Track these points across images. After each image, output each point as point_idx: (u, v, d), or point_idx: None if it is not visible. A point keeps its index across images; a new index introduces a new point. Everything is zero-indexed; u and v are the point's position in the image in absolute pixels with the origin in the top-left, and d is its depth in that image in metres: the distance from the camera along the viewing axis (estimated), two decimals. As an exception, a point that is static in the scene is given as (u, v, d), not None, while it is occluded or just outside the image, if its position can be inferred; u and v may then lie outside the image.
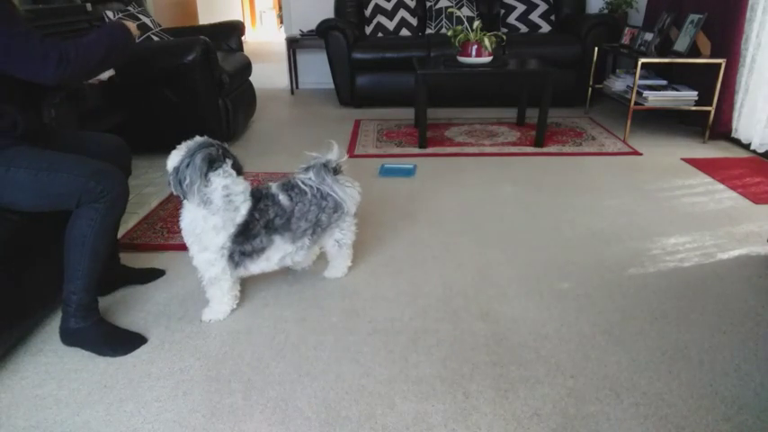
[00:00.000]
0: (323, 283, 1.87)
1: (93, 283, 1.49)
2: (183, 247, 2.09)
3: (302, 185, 1.67)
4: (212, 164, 1.48)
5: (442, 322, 1.64)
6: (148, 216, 2.37)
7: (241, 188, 1.54)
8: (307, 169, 1.71)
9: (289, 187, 1.67)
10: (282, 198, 1.63)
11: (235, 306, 1.70)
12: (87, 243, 1.44)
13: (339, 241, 1.81)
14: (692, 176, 2.83)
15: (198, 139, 1.52)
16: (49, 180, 1.39)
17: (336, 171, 1.72)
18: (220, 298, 1.65)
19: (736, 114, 3.30)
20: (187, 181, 1.45)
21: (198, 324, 1.65)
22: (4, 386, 1.40)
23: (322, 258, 1.93)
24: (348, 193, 1.73)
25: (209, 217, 1.51)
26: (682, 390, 1.36)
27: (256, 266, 1.66)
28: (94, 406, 1.33)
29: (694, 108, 3.37)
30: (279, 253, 1.66)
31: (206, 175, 1.47)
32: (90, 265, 1.46)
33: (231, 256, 1.58)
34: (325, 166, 1.69)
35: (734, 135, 3.33)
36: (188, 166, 1.45)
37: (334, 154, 1.72)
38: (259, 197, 1.60)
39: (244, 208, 1.54)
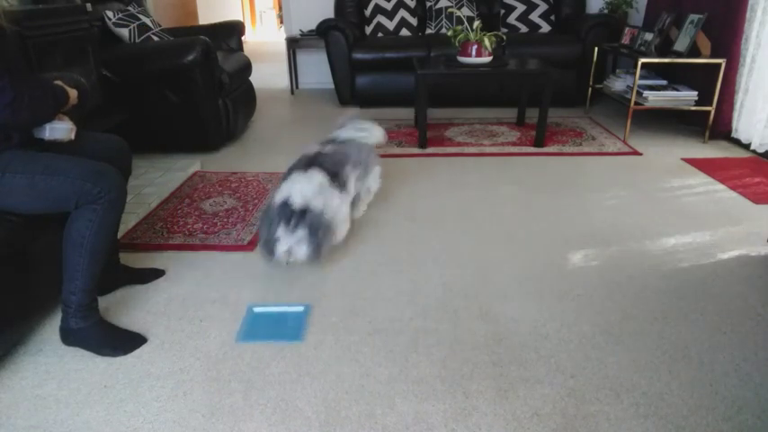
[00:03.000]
0: (323, 282, 1.87)
1: (93, 284, 1.49)
2: (183, 247, 2.11)
3: (350, 134, 2.27)
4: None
5: (442, 322, 1.64)
6: (148, 216, 2.37)
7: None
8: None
9: (337, 141, 2.18)
10: (349, 148, 2.14)
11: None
12: (86, 244, 1.43)
13: (369, 187, 2.33)
14: (691, 176, 2.83)
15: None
16: (45, 184, 1.39)
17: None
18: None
19: (736, 114, 3.30)
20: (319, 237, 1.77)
21: (198, 324, 1.65)
22: (4, 386, 1.40)
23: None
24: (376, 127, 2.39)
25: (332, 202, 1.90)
26: (682, 390, 1.36)
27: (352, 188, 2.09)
28: (94, 406, 1.33)
29: (694, 108, 3.37)
30: (352, 182, 2.10)
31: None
32: (89, 265, 1.46)
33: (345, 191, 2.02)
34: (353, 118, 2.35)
35: (734, 135, 3.34)
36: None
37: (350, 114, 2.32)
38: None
39: (323, 179, 1.89)
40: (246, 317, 1.68)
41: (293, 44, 4.94)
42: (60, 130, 1.49)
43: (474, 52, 3.20)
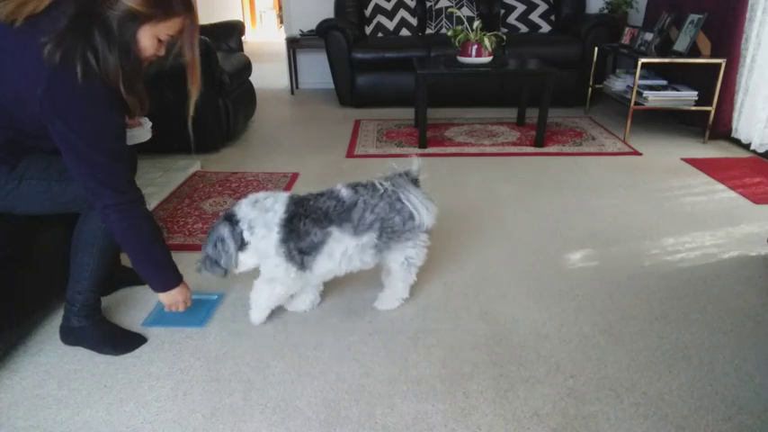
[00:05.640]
0: (322, 283, 1.86)
1: (99, 283, 1.50)
2: (183, 247, 2.11)
3: (377, 184, 1.61)
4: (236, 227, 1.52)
5: (442, 322, 1.64)
6: (148, 216, 2.37)
7: (251, 209, 1.52)
8: (386, 178, 1.65)
9: (357, 184, 1.61)
10: (344, 191, 1.57)
11: (266, 317, 1.64)
12: (96, 245, 1.45)
13: (409, 259, 1.66)
14: (691, 176, 2.83)
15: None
16: (60, 189, 1.40)
17: (416, 182, 1.66)
18: (263, 302, 1.60)
19: (736, 114, 3.30)
20: (224, 259, 1.53)
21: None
22: (4, 386, 1.40)
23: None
24: (425, 204, 1.61)
25: (259, 246, 1.52)
26: (682, 390, 1.36)
27: (320, 266, 1.56)
28: (94, 406, 1.33)
29: (694, 108, 3.37)
30: (340, 247, 1.54)
31: (242, 245, 1.53)
32: (97, 266, 1.47)
33: (291, 255, 1.50)
34: (403, 175, 1.64)
35: (734, 135, 3.33)
36: (219, 246, 1.53)
37: (415, 165, 1.67)
38: (300, 200, 1.56)
39: (279, 207, 1.50)
40: (159, 302, 1.64)
41: (293, 44, 4.94)
42: (137, 137, 1.57)
43: (474, 52, 3.20)
